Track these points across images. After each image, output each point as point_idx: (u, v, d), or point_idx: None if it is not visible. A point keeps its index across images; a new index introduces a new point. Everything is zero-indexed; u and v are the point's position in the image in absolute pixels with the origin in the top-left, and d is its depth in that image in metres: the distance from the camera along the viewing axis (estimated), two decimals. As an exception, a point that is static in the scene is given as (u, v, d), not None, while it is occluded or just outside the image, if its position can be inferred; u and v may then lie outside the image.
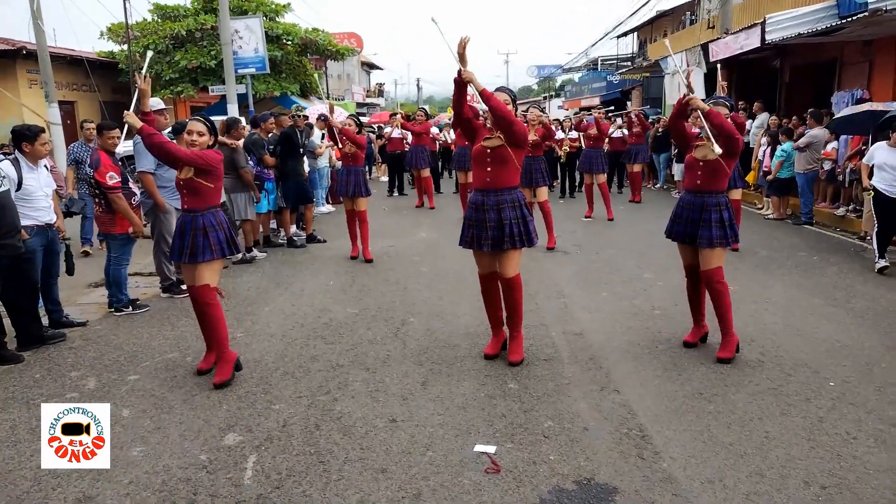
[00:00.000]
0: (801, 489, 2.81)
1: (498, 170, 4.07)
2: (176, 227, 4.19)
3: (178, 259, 4.18)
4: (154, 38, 18.25)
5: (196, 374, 4.17)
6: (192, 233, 4.06)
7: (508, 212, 4.07)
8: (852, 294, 5.81)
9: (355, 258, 7.48)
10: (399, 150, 12.93)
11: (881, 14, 8.77)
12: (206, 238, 4.07)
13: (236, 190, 7.52)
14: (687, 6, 23.56)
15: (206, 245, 4.06)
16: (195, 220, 4.06)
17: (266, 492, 2.89)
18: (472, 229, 4.17)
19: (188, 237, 4.06)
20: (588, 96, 29.93)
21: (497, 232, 4.07)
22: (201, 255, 4.05)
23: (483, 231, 4.10)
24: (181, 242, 4.10)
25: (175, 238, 4.19)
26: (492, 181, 4.08)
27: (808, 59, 13.62)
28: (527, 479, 2.93)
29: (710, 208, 4.26)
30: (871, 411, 3.52)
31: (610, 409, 3.59)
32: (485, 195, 4.11)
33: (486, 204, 4.09)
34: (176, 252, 4.16)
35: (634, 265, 6.97)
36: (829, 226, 9.41)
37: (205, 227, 4.07)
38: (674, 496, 2.77)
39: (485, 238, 4.10)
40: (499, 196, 4.08)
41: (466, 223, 4.23)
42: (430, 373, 4.16)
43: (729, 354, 4.23)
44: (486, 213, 4.08)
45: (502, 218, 4.06)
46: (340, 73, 37.62)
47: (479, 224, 4.12)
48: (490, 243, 4.09)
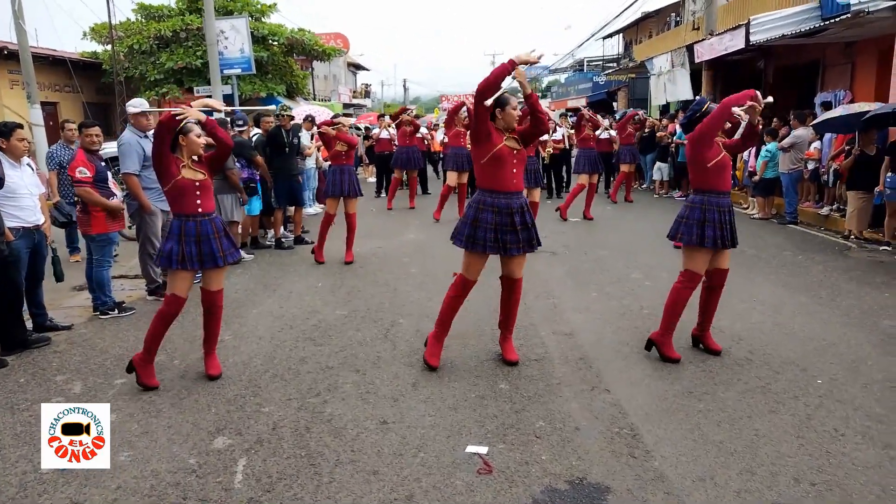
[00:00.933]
0: (792, 486, 2.83)
1: (521, 171, 4.06)
2: (187, 234, 3.91)
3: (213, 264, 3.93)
4: (138, 38, 18.11)
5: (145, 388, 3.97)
6: (217, 236, 3.96)
7: (528, 215, 4.05)
8: (837, 292, 5.87)
9: (322, 263, 7.35)
10: (387, 150, 12.91)
11: (863, 16, 8.89)
12: (229, 239, 4.07)
13: (223, 191, 7.46)
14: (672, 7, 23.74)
15: (229, 245, 4.05)
16: (214, 223, 3.99)
17: (257, 495, 2.87)
18: (498, 234, 3.97)
19: (214, 241, 3.92)
20: (574, 97, 30.10)
21: (525, 234, 4.01)
22: (231, 257, 4.05)
23: (512, 235, 3.96)
24: (206, 247, 3.89)
25: (189, 245, 3.88)
26: (517, 183, 4.03)
27: (791, 60, 13.77)
28: (519, 479, 2.92)
29: (731, 208, 4.24)
30: (857, 408, 3.56)
31: (601, 409, 3.60)
32: (510, 198, 3.97)
33: (513, 207, 3.96)
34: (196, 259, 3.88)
35: (623, 265, 7.00)
36: (813, 225, 9.51)
37: (224, 228, 4.08)
38: (666, 494, 2.78)
39: (513, 241, 3.97)
40: (521, 199, 4.04)
41: (483, 227, 3.96)
42: (421, 374, 4.15)
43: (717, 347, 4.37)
44: (514, 217, 3.95)
45: (526, 221, 4.01)
46: (327, 74, 37.46)
47: (503, 228, 3.96)
48: (520, 246, 4.01)
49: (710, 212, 4.12)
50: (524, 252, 4.09)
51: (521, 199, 4.05)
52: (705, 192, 4.19)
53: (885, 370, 4.07)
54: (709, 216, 4.11)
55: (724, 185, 4.20)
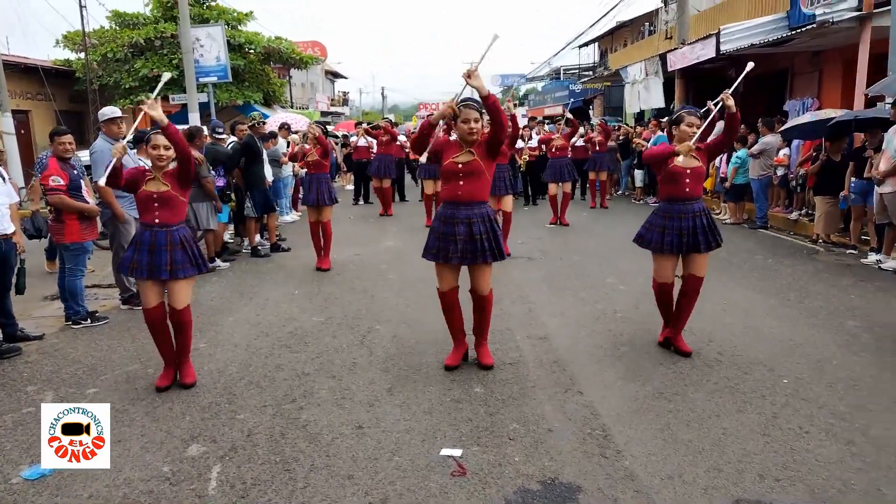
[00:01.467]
0: (757, 482, 2.90)
1: (471, 184, 4.04)
2: (142, 243, 3.94)
3: (156, 276, 3.92)
4: (112, 45, 17.93)
5: (156, 390, 4.06)
6: (170, 248, 3.94)
7: (479, 226, 4.05)
8: (805, 295, 6.01)
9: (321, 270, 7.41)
10: (365, 158, 12.94)
11: (828, 26, 9.14)
12: (185, 252, 4.00)
13: (198, 199, 7.42)
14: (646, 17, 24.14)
15: (185, 260, 3.99)
16: (171, 235, 3.96)
17: (231, 501, 2.86)
18: (440, 242, 4.09)
19: (165, 254, 3.92)
20: (551, 105, 30.34)
21: (467, 245, 4.03)
22: (183, 272, 3.97)
23: (451, 244, 4.04)
24: (155, 259, 3.90)
25: (142, 254, 3.91)
26: (463, 195, 4.04)
27: (761, 69, 14.04)
28: (492, 480, 2.96)
29: (700, 214, 4.32)
30: (822, 406, 3.65)
31: (574, 411, 3.65)
32: (455, 208, 4.06)
33: (457, 217, 4.03)
34: (144, 268, 3.90)
35: (598, 270, 7.09)
36: (783, 230, 9.71)
37: (182, 241, 4.01)
38: (635, 493, 2.84)
39: (453, 251, 4.05)
40: (470, 210, 4.05)
41: (434, 235, 4.15)
42: (397, 379, 4.17)
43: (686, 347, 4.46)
44: (456, 227, 4.03)
45: (473, 232, 4.03)
46: (304, 82, 37.42)
47: (446, 237, 4.06)
48: (458, 256, 4.05)
49: (669, 219, 4.29)
50: (467, 263, 4.09)
51: (472, 211, 4.03)
52: (665, 200, 4.42)
53: (848, 369, 4.18)
54: (668, 223, 4.28)
55: (681, 192, 4.32)
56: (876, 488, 2.84)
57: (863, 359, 4.36)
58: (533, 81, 42.75)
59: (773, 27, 11.17)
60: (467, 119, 3.96)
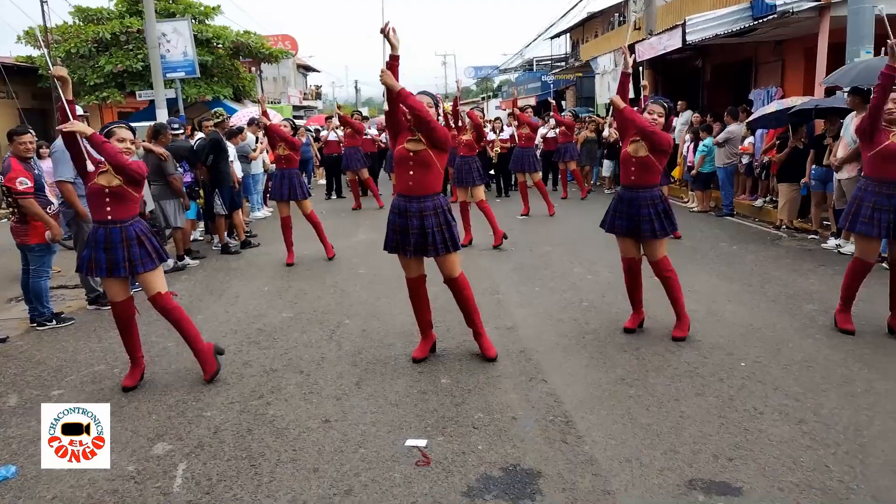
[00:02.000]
0: (710, 462, 3.00)
1: (421, 174, 4.03)
2: (97, 241, 3.91)
3: (115, 274, 3.89)
4: (76, 41, 17.56)
5: (122, 390, 4.03)
6: (126, 244, 3.90)
7: (431, 219, 4.05)
8: (767, 280, 6.17)
9: (291, 265, 7.41)
10: (336, 153, 12.88)
11: (788, 16, 9.32)
12: (142, 247, 3.97)
13: (165, 197, 7.37)
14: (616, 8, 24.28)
15: (144, 254, 3.96)
16: (126, 231, 3.93)
17: (196, 498, 2.88)
18: (397, 235, 4.13)
19: (121, 250, 3.89)
20: (524, 96, 30.43)
21: (420, 239, 4.06)
22: (142, 266, 3.94)
23: (406, 237, 4.08)
24: (112, 255, 3.87)
25: (98, 252, 3.89)
26: (414, 186, 4.04)
27: (727, 59, 14.30)
28: (456, 468, 3.02)
29: (647, 203, 4.44)
30: (777, 388, 3.77)
31: (538, 399, 3.72)
32: (408, 201, 4.07)
33: (410, 210, 4.05)
34: (104, 267, 3.88)
35: (567, 260, 7.18)
36: (748, 217, 9.91)
37: (138, 236, 3.97)
38: (594, 476, 2.91)
39: (407, 244, 4.09)
40: (421, 203, 4.05)
41: (391, 228, 4.19)
42: (365, 372, 4.21)
43: (683, 333, 4.56)
44: (409, 220, 4.05)
45: (425, 226, 4.04)
46: (276, 76, 37.04)
47: (402, 230, 4.09)
48: (412, 250, 4.10)
49: (619, 202, 4.54)
50: (418, 256, 4.13)
51: (424, 203, 4.04)
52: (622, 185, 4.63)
53: (804, 351, 4.31)
54: (618, 206, 4.53)
55: (626, 180, 4.57)
56: (824, 465, 2.95)
57: (818, 341, 4.50)
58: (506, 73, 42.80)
59: (738, 17, 11.32)
60: (429, 105, 4.02)
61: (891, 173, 4.31)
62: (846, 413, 3.44)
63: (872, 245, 4.51)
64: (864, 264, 4.54)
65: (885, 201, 4.33)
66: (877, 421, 3.35)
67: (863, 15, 8.10)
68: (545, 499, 2.77)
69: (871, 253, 4.53)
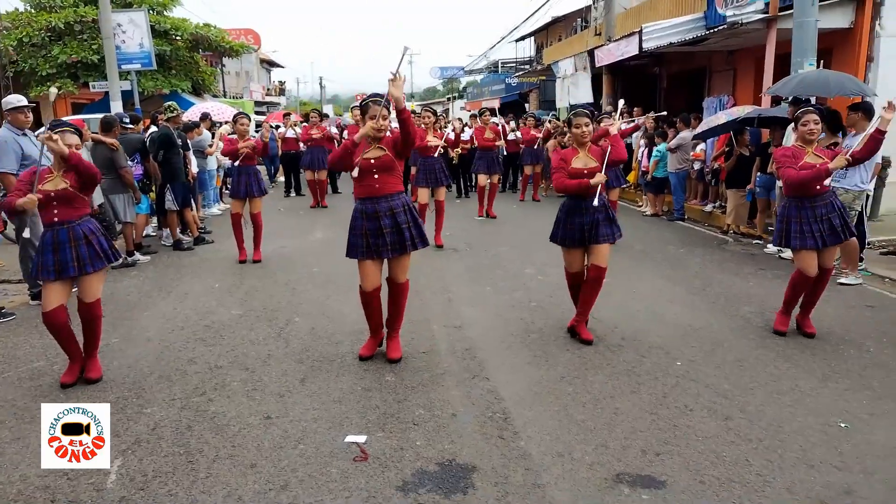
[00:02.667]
0: (639, 457, 3.11)
1: (384, 177, 4.10)
2: (44, 244, 3.87)
3: (65, 274, 3.84)
4: (28, 30, 17.05)
5: (60, 387, 3.98)
6: (73, 244, 3.86)
7: (402, 215, 4.13)
8: (709, 283, 6.37)
9: (244, 262, 7.36)
10: (294, 150, 12.80)
11: (738, 27, 9.63)
12: (90, 247, 3.92)
13: (115, 191, 7.24)
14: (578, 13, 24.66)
15: (93, 254, 3.92)
16: (73, 231, 3.88)
17: (129, 494, 2.87)
18: (368, 238, 4.13)
19: (69, 250, 3.84)
20: (489, 98, 30.63)
21: (396, 236, 4.11)
22: (91, 266, 3.90)
23: (380, 238, 4.10)
24: (60, 257, 3.82)
25: (46, 254, 3.84)
26: (381, 188, 4.10)
27: (683, 66, 14.67)
28: (392, 464, 3.07)
29: (600, 209, 4.52)
30: (708, 386, 3.92)
31: (478, 396, 3.80)
32: (376, 202, 4.10)
33: (379, 211, 4.09)
34: (51, 269, 3.81)
35: (519, 261, 7.30)
36: (698, 221, 10.19)
37: (86, 235, 3.93)
38: (526, 470, 3.00)
39: (383, 245, 4.11)
40: (390, 201, 4.12)
41: (357, 233, 4.17)
42: (311, 370, 4.23)
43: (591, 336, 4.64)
44: (381, 220, 4.09)
45: (398, 222, 4.11)
46: (238, 71, 36.49)
47: (374, 232, 4.10)
48: (389, 249, 4.12)
49: (571, 215, 4.55)
50: (397, 254, 4.18)
51: (392, 202, 4.12)
52: (568, 196, 4.65)
53: (737, 351, 4.49)
54: (569, 218, 4.55)
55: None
56: (745, 459, 3.10)
57: (751, 341, 4.69)
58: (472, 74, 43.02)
59: (692, 27, 11.65)
60: (374, 115, 4.04)
61: (811, 190, 4.54)
62: (770, 410, 3.60)
63: (810, 257, 4.69)
64: (805, 277, 4.72)
65: (809, 213, 4.57)
66: (798, 417, 3.52)
67: (807, 28, 8.40)
68: (477, 492, 2.84)
69: (810, 265, 4.69)
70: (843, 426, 3.41)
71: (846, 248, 6.32)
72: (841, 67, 9.30)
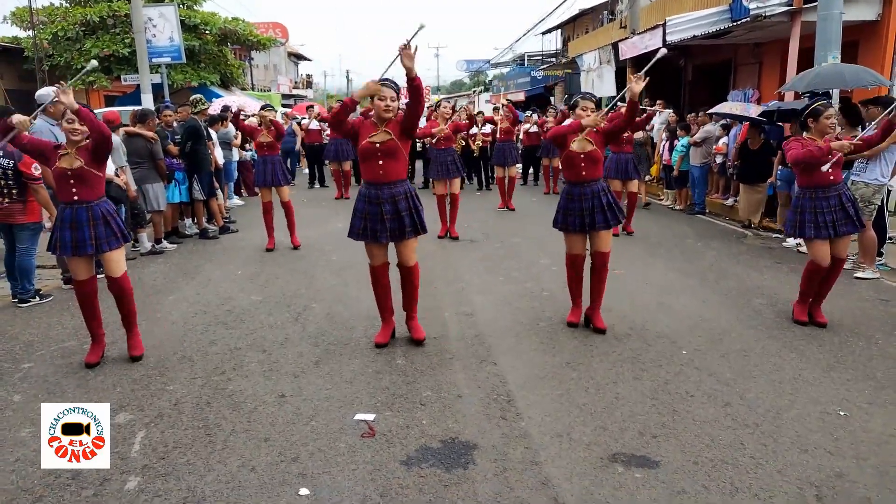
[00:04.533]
0: (636, 439, 3.21)
1: (389, 163, 4.21)
2: (62, 220, 4.05)
3: (81, 251, 4.04)
4: (63, 24, 17.52)
5: (85, 366, 4.17)
6: (92, 223, 4.04)
7: (403, 203, 4.26)
8: (723, 275, 6.40)
9: (272, 250, 7.56)
10: (317, 141, 13.01)
11: (761, 19, 9.54)
12: (108, 227, 4.12)
13: (149, 181, 7.50)
14: (604, 6, 24.46)
15: (109, 233, 4.11)
16: (92, 211, 4.07)
17: (151, 462, 3.07)
18: (367, 222, 4.28)
19: (87, 229, 4.03)
20: (514, 91, 30.60)
21: (395, 223, 4.25)
22: (108, 245, 4.09)
23: (379, 223, 4.25)
24: (78, 234, 4.01)
25: (64, 231, 4.02)
26: (384, 174, 4.21)
27: (708, 59, 14.53)
28: (398, 440, 3.22)
29: (599, 194, 4.61)
30: (711, 374, 4.00)
31: (484, 379, 3.93)
32: (378, 188, 4.24)
33: (381, 197, 4.23)
34: (69, 245, 4.01)
35: (533, 252, 7.39)
36: (719, 215, 10.15)
37: (104, 215, 4.11)
38: (525, 449, 3.13)
39: (381, 230, 4.25)
40: (392, 189, 4.24)
41: (358, 216, 4.33)
42: (325, 353, 4.40)
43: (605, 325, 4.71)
44: (382, 206, 4.23)
45: (399, 209, 4.24)
46: (266, 64, 36.97)
47: (374, 217, 4.25)
48: (388, 234, 4.27)
49: (571, 200, 4.61)
50: (396, 240, 4.31)
51: (395, 189, 4.24)
52: (567, 183, 4.71)
53: (744, 341, 4.54)
54: (569, 204, 4.61)
55: (578, 176, 4.61)
56: (739, 443, 3.18)
57: (759, 332, 4.73)
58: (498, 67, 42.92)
59: (717, 19, 11.53)
60: (384, 97, 4.13)
61: (824, 180, 4.58)
62: (770, 397, 3.66)
63: (823, 247, 4.73)
64: (818, 267, 4.76)
65: (822, 203, 4.60)
66: (797, 405, 3.58)
67: (831, 21, 8.31)
68: (477, 468, 2.98)
69: (824, 255, 4.73)
70: (842, 414, 3.47)
71: (863, 241, 6.30)
72: (867, 60, 9.18)
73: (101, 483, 2.91)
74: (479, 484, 2.86)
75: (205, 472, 2.99)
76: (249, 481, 2.91)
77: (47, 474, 2.96)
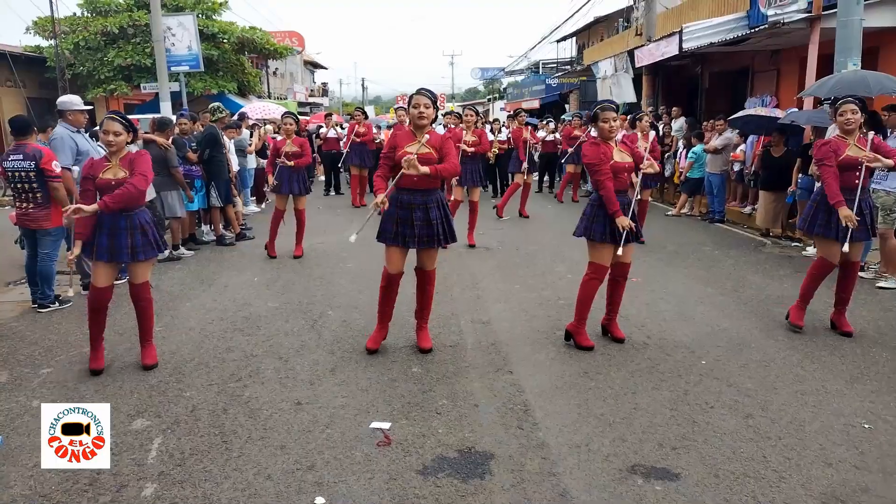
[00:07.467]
0: (655, 450, 3.17)
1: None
2: (101, 224, 4.09)
3: (117, 258, 4.10)
4: (84, 34, 17.82)
5: (90, 374, 4.18)
6: (130, 232, 4.10)
7: (434, 211, 4.29)
8: (742, 284, 6.32)
9: (274, 258, 7.55)
10: (335, 149, 13.06)
11: (780, 26, 9.46)
12: (144, 236, 4.17)
13: (167, 188, 7.56)
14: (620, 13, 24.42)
15: (146, 243, 4.17)
16: (131, 220, 4.12)
17: (168, 469, 3.07)
18: (398, 226, 4.30)
19: (125, 237, 4.08)
20: (528, 99, 30.59)
21: (424, 230, 4.27)
22: (143, 254, 4.15)
23: (409, 229, 4.26)
24: (115, 242, 4.06)
25: (101, 236, 4.08)
26: (419, 182, 4.24)
27: (725, 66, 14.44)
28: (414, 449, 3.20)
29: (628, 206, 4.53)
30: (731, 384, 3.94)
31: (501, 388, 3.90)
32: (412, 195, 4.27)
33: (414, 203, 4.26)
34: (106, 251, 4.06)
35: (549, 260, 7.35)
36: (737, 223, 10.04)
37: (142, 225, 4.17)
38: (542, 459, 3.09)
39: (410, 235, 4.27)
40: (425, 196, 4.28)
41: (389, 219, 4.34)
42: (341, 360, 4.39)
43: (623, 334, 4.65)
44: (413, 213, 4.25)
45: (430, 217, 4.27)
46: (283, 72, 37.26)
47: (405, 222, 4.27)
48: (416, 240, 4.27)
49: (600, 208, 4.45)
50: (424, 247, 4.33)
51: (427, 197, 4.28)
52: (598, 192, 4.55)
53: (763, 351, 4.47)
54: (599, 213, 4.46)
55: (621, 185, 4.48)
56: (762, 456, 3.12)
57: (779, 342, 4.66)
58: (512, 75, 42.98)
59: (734, 26, 11.46)
60: (417, 104, 4.18)
61: (847, 182, 4.52)
62: (793, 409, 3.60)
63: (834, 247, 4.67)
64: (826, 264, 4.72)
65: None
66: (821, 417, 3.51)
67: (851, 27, 8.22)
68: (493, 478, 2.95)
69: (834, 254, 4.69)
70: (867, 427, 3.40)
71: (885, 251, 6.21)
72: (888, 67, 9.06)
73: (118, 489, 2.92)
74: (496, 495, 2.83)
75: (221, 479, 2.98)
76: (266, 489, 2.90)
77: (65, 479, 2.98)
